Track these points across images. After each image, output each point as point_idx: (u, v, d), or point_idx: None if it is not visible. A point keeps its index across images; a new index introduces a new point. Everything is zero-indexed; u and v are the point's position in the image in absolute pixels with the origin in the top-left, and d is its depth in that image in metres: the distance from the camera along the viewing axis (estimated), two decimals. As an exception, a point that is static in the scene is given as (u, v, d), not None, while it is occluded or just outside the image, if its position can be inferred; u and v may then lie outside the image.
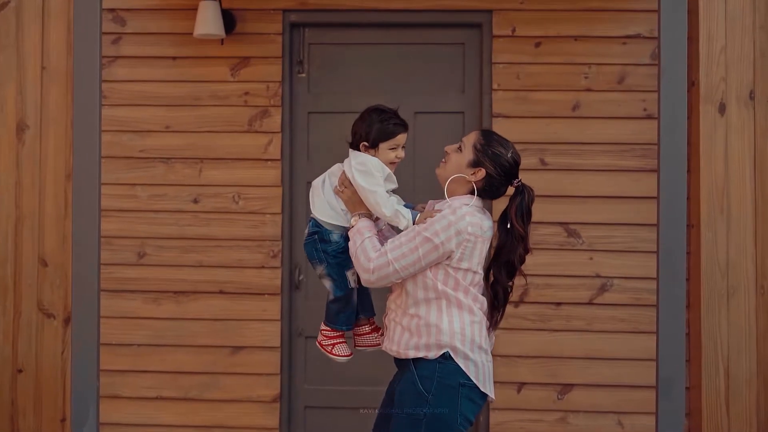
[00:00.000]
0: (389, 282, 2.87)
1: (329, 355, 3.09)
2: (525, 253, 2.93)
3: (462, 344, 2.83)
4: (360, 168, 2.90)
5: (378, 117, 2.94)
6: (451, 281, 2.85)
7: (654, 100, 4.35)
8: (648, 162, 4.51)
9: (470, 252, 2.84)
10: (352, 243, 2.89)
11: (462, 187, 2.93)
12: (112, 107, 4.63)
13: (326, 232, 2.98)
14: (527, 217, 2.92)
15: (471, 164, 2.90)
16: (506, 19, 4.57)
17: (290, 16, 4.63)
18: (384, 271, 2.81)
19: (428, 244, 2.78)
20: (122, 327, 4.64)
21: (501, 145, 2.91)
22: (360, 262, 2.84)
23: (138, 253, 4.66)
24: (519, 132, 4.50)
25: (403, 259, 2.79)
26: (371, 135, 2.93)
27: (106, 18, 4.61)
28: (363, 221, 2.92)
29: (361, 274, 2.86)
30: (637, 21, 4.56)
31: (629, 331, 4.55)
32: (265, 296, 4.62)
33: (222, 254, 4.62)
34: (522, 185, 2.92)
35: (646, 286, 4.51)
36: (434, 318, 2.85)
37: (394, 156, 2.95)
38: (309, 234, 3.01)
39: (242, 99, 4.63)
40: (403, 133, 2.96)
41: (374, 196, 2.87)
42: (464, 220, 2.80)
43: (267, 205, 4.63)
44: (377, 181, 2.88)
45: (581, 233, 4.57)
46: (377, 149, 2.93)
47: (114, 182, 4.64)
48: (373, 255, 2.81)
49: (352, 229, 2.92)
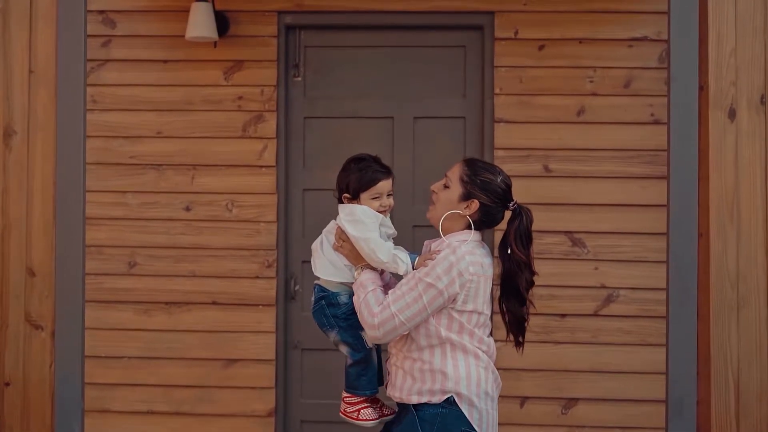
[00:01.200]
0: (396, 335, 2.76)
1: (356, 422, 2.96)
2: (531, 276, 2.84)
3: (468, 390, 2.74)
4: (348, 218, 2.80)
5: (356, 166, 2.85)
6: (456, 325, 2.75)
7: (662, 104, 4.38)
8: (655, 169, 4.44)
9: (474, 292, 2.74)
10: (355, 298, 2.80)
11: (457, 223, 2.84)
12: (101, 112, 4.59)
13: (333, 295, 2.89)
14: (527, 240, 2.82)
15: (462, 198, 2.81)
16: (509, 20, 4.51)
17: (285, 17, 4.57)
18: (390, 325, 2.70)
19: (432, 290, 2.69)
20: (112, 339, 4.57)
21: (488, 172, 2.82)
22: (364, 318, 2.74)
23: (128, 263, 4.59)
24: (522, 138, 4.46)
25: (407, 310, 2.70)
26: (351, 185, 2.83)
27: (95, 20, 4.57)
28: (366, 274, 2.82)
29: (367, 331, 2.75)
30: (644, 23, 4.48)
31: (636, 343, 4.48)
32: (260, 307, 4.55)
33: (215, 264, 4.56)
34: (518, 207, 2.83)
35: (654, 297, 4.43)
36: (438, 363, 2.75)
37: (378, 205, 2.84)
38: (315, 301, 2.92)
39: (236, 104, 4.56)
40: (383, 180, 2.84)
41: (367, 243, 2.76)
42: (464, 261, 2.70)
43: (261, 213, 4.55)
44: (368, 228, 2.78)
45: (586, 242, 4.50)
46: (359, 200, 2.84)
47: (104, 189, 4.59)
48: (376, 309, 2.71)
49: (356, 283, 2.83)
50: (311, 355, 4.63)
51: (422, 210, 3.59)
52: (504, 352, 4.32)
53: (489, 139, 4.50)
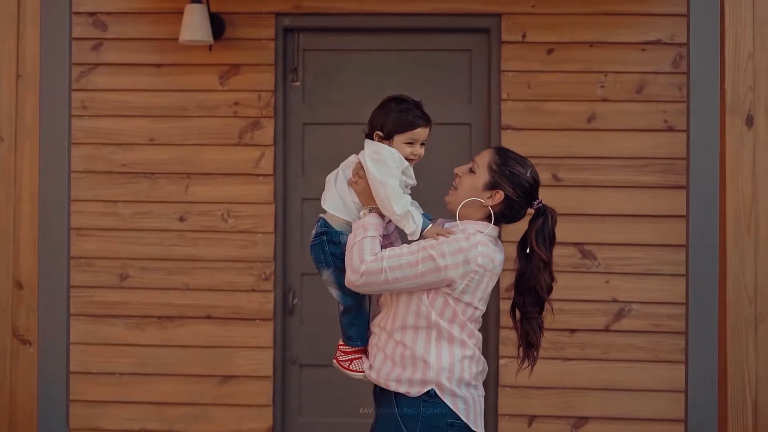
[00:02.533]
0: (374, 291, 2.64)
1: (345, 371, 2.85)
2: (551, 281, 2.73)
3: (449, 381, 2.63)
4: (373, 156, 2.66)
5: (397, 106, 2.73)
6: (449, 312, 2.63)
7: (676, 111, 4.30)
8: (669, 178, 4.35)
9: (475, 286, 2.62)
10: (352, 236, 2.66)
11: (477, 212, 2.71)
12: (92, 118, 4.50)
13: (335, 233, 2.73)
14: (550, 241, 2.71)
15: (487, 186, 2.69)
16: (516, 23, 4.41)
17: (284, 20, 4.49)
18: (373, 278, 2.57)
19: (430, 263, 2.56)
20: (103, 354, 4.48)
21: (519, 164, 2.71)
22: (352, 260, 2.60)
23: (120, 276, 4.50)
24: (530, 145, 4.35)
25: (398, 271, 2.56)
26: (387, 125, 2.70)
27: (85, 22, 4.49)
28: (371, 217, 2.68)
29: (348, 273, 2.61)
30: (658, 25, 4.38)
31: (649, 360, 4.38)
32: (257, 321, 4.46)
33: (210, 276, 4.47)
34: (543, 206, 2.72)
35: (667, 312, 4.35)
36: (421, 350, 2.63)
37: (410, 152, 2.71)
38: (316, 235, 2.77)
39: (232, 109, 4.47)
40: (423, 127, 2.73)
41: (385, 189, 2.62)
42: (476, 250, 2.58)
43: (258, 224, 4.46)
44: (391, 172, 2.64)
45: (597, 255, 4.40)
46: (392, 141, 2.71)
47: (94, 199, 4.50)
48: (368, 257, 2.58)
49: (357, 222, 2.69)
50: (310, 371, 4.55)
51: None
52: (510, 368, 4.35)
53: None
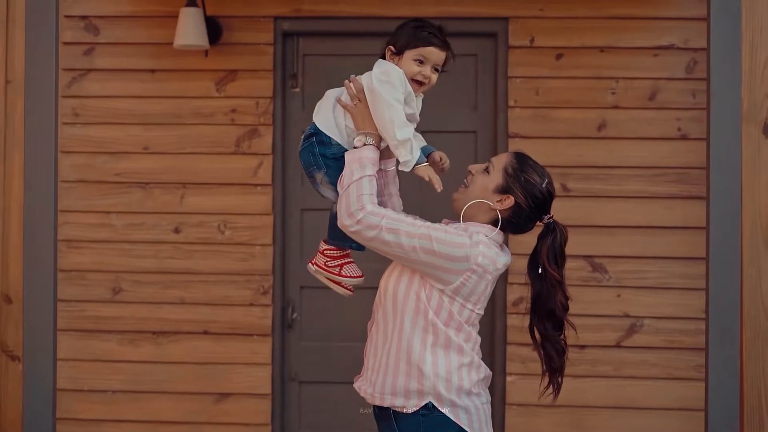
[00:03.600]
0: (363, 242, 2.53)
1: (338, 278, 2.69)
2: (566, 300, 2.63)
3: (447, 391, 2.52)
4: (382, 77, 2.55)
5: (414, 23, 2.63)
6: (444, 313, 2.53)
7: (689, 118, 4.24)
8: (683, 188, 4.28)
9: (473, 286, 2.51)
10: (347, 172, 2.53)
11: (483, 215, 2.62)
12: (83, 126, 4.43)
13: (326, 135, 2.64)
14: (561, 259, 2.62)
15: (498, 190, 2.60)
16: (524, 27, 4.34)
17: (282, 24, 4.41)
18: (367, 231, 2.47)
19: (426, 243, 2.45)
20: (95, 371, 4.42)
21: (536, 173, 2.61)
22: (349, 202, 2.49)
23: (113, 289, 4.42)
24: (538, 154, 4.11)
25: (393, 235, 2.46)
26: (400, 40, 2.60)
27: (77, 26, 4.42)
28: (369, 150, 2.56)
29: (342, 216, 2.49)
30: (670, 30, 4.31)
31: (662, 377, 4.30)
32: (255, 337, 4.39)
33: (206, 290, 4.40)
34: (554, 222, 2.62)
35: (681, 327, 4.28)
36: (417, 354, 2.52)
37: (418, 71, 2.58)
38: (305, 138, 2.67)
39: (229, 117, 4.40)
40: (436, 47, 2.59)
41: (390, 112, 2.51)
42: (477, 248, 2.49)
43: (256, 236, 4.39)
44: (397, 96, 2.53)
45: (608, 268, 4.31)
46: (402, 58, 2.59)
47: (86, 209, 4.42)
48: (369, 206, 2.48)
49: (352, 153, 2.56)
50: (310, 389, 4.46)
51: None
52: (518, 385, 4.29)
53: None
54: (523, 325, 2.87)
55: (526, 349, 4.08)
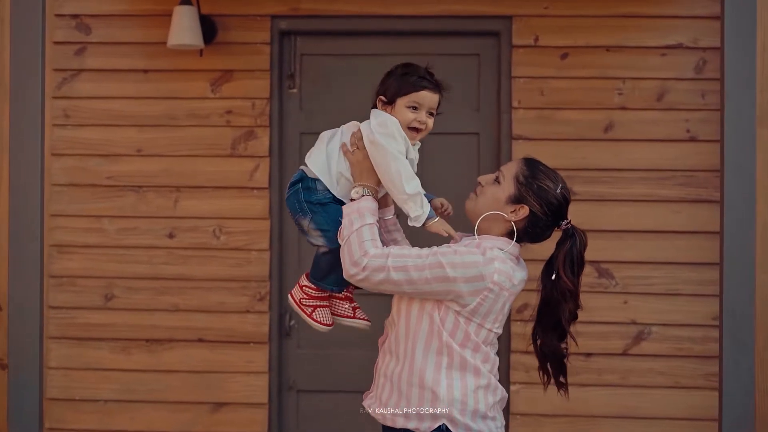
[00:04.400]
0: (374, 289, 2.49)
1: (307, 319, 2.68)
2: (576, 308, 2.57)
3: (462, 414, 2.47)
4: (381, 129, 2.50)
5: (402, 69, 2.59)
6: (460, 334, 2.48)
7: (698, 119, 4.16)
8: (691, 191, 4.19)
9: (490, 305, 2.46)
10: (347, 223, 2.50)
11: (497, 227, 2.56)
12: (75, 127, 4.36)
13: (311, 180, 2.61)
14: (579, 267, 2.55)
15: (511, 200, 2.54)
16: (528, 26, 4.28)
17: (280, 23, 4.36)
18: (375, 275, 2.43)
19: (439, 271, 2.40)
20: (87, 380, 4.36)
21: (549, 178, 2.57)
22: (351, 252, 2.45)
23: (105, 296, 4.36)
24: (542, 156, 4.11)
25: (402, 272, 2.41)
26: (390, 88, 2.56)
27: (68, 25, 4.34)
28: (367, 200, 2.52)
29: (347, 267, 2.46)
30: (679, 28, 4.22)
31: (670, 386, 4.23)
32: (251, 345, 4.34)
33: (201, 297, 4.35)
34: (572, 228, 2.58)
35: (689, 335, 4.20)
36: (430, 377, 2.47)
37: (413, 117, 2.53)
38: (291, 184, 2.65)
39: (224, 118, 4.35)
40: (428, 90, 2.55)
41: (397, 164, 2.46)
42: (492, 265, 2.43)
43: (253, 241, 4.33)
44: (400, 148, 2.50)
45: (614, 273, 4.25)
46: (394, 107, 2.55)
47: (77, 214, 4.34)
48: (371, 250, 2.44)
49: (351, 205, 2.53)
50: (308, 398, 4.41)
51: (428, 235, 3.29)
52: (522, 395, 4.22)
53: (506, 158, 4.26)
54: (526, 332, 2.81)
55: (530, 357, 3.94)
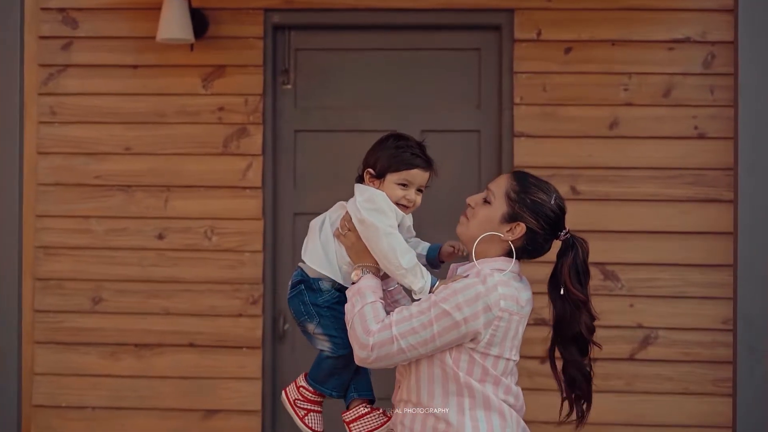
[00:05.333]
0: (392, 363, 2.40)
1: (298, 422, 2.60)
2: (592, 320, 2.50)
3: None
4: (368, 206, 2.44)
5: (394, 143, 2.52)
6: (478, 370, 2.39)
7: (707, 116, 4.11)
8: (700, 190, 4.13)
9: (503, 334, 2.38)
10: (349, 307, 2.44)
11: (494, 248, 2.49)
12: (61, 125, 4.31)
13: (314, 280, 2.54)
14: (585, 276, 2.49)
15: (506, 218, 2.46)
16: (530, 19, 4.21)
17: (273, 16, 4.29)
18: (386, 350, 2.34)
19: (446, 320, 2.31)
20: (74, 386, 4.30)
21: (541, 191, 2.48)
22: (356, 334, 2.38)
23: (93, 299, 4.29)
24: (546, 155, 4.20)
25: (411, 336, 2.33)
26: (380, 162, 2.50)
27: (54, 19, 4.30)
28: (367, 279, 2.45)
29: (356, 351, 2.39)
30: (687, 22, 4.16)
31: (678, 392, 4.16)
32: (244, 350, 4.28)
33: (192, 300, 4.29)
34: (572, 237, 2.49)
35: (698, 339, 4.14)
36: (455, 421, 2.38)
37: (402, 195, 2.48)
38: (293, 285, 2.57)
39: (216, 115, 4.29)
40: (420, 168, 2.49)
41: (389, 240, 2.39)
42: (495, 292, 2.34)
43: (245, 242, 4.27)
44: (391, 222, 2.43)
45: (620, 275, 4.17)
46: (383, 182, 2.49)
47: (64, 214, 4.29)
48: (374, 327, 2.36)
49: (352, 288, 2.46)
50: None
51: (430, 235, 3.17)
52: (526, 400, 3.97)
53: (508, 156, 4.21)
54: (529, 336, 2.72)
55: (533, 362, 3.94)
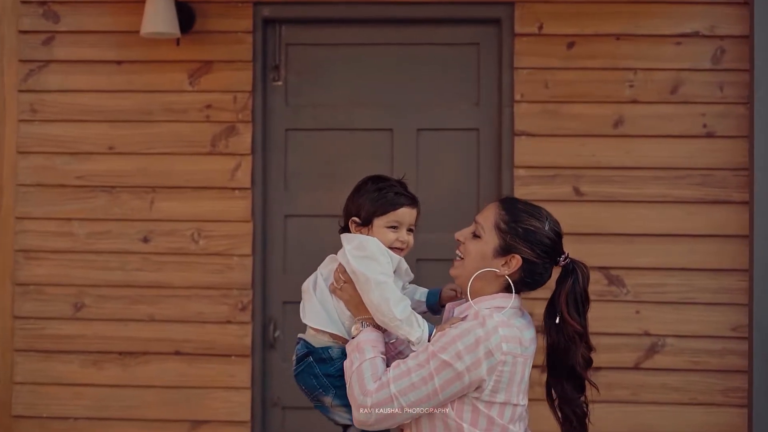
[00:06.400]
0: (395, 424, 2.26)
1: None
2: (589, 352, 2.33)
3: None
4: (357, 253, 2.33)
5: (374, 185, 2.43)
6: (483, 421, 2.23)
7: (716, 114, 4.05)
8: (709, 191, 4.06)
9: (508, 379, 2.21)
10: (348, 364, 2.31)
11: (491, 284, 2.33)
12: (42, 123, 4.24)
13: (322, 350, 2.40)
14: (583, 303, 2.32)
15: (499, 252, 2.31)
16: (531, 13, 4.13)
17: (263, 9, 4.23)
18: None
19: (447, 372, 2.17)
20: (55, 396, 4.22)
21: (533, 217, 2.32)
22: (354, 394, 2.23)
23: (75, 305, 4.22)
24: (547, 154, 4.13)
25: (411, 393, 2.18)
26: (364, 208, 2.39)
27: (35, 13, 4.25)
28: (366, 333, 2.32)
29: (355, 413, 2.25)
30: (695, 15, 4.09)
31: (685, 402, 4.08)
32: (232, 358, 4.20)
33: (178, 306, 4.22)
34: (571, 262, 2.34)
35: (706, 347, 4.05)
36: None
37: (395, 238, 2.38)
38: (299, 360, 2.43)
39: (203, 113, 4.21)
40: (408, 206, 2.40)
41: (380, 289, 2.26)
42: (496, 335, 2.18)
43: (234, 245, 4.19)
44: (383, 269, 2.31)
45: (625, 280, 4.08)
46: (371, 228, 2.39)
47: (45, 216, 4.23)
48: (371, 386, 2.21)
49: (351, 343, 2.34)
50: (294, 415, 4.22)
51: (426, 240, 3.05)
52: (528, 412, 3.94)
53: (508, 156, 4.12)
54: None
55: (535, 372, 3.75)
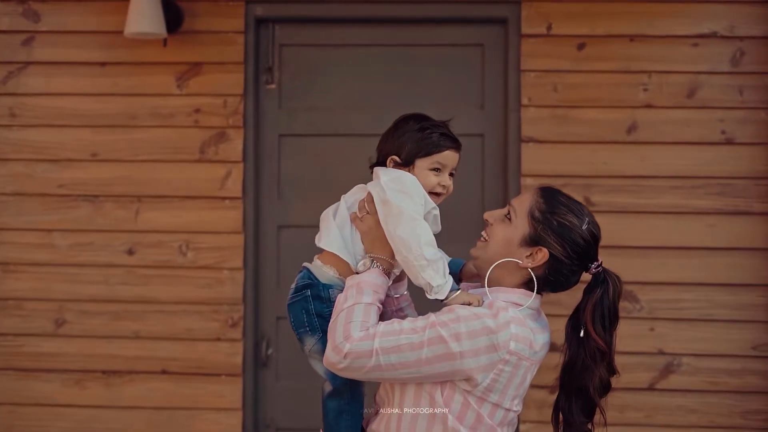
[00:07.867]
0: (362, 377, 2.10)
1: None
2: (609, 375, 2.15)
3: None
4: (395, 186, 2.18)
5: (417, 124, 2.29)
6: (471, 417, 2.08)
7: (735, 119, 4.01)
8: (728, 202, 3.99)
9: (507, 380, 2.05)
10: (342, 298, 2.15)
11: (511, 276, 2.18)
12: (21, 128, 4.14)
13: (323, 287, 2.25)
14: (611, 319, 2.14)
15: (526, 241, 2.15)
16: (539, 12, 4.05)
17: (256, 9, 4.15)
18: (360, 362, 2.04)
19: (440, 348, 2.01)
20: (35, 417, 4.12)
21: (572, 212, 2.16)
22: (335, 335, 2.08)
23: (56, 321, 4.11)
24: (556, 161, 4.07)
25: (394, 354, 2.02)
26: (406, 147, 2.25)
27: (14, 12, 4.17)
28: (371, 275, 2.15)
29: (328, 350, 2.09)
30: (713, 15, 4.01)
31: (703, 425, 3.98)
32: (222, 377, 4.10)
33: (165, 322, 4.13)
34: (603, 272, 2.16)
35: (725, 366, 3.96)
36: None
37: (437, 181, 2.24)
38: (297, 289, 2.28)
39: (192, 118, 4.13)
40: (453, 149, 2.27)
41: (413, 226, 2.12)
42: (506, 331, 2.02)
43: (224, 258, 4.10)
44: (418, 209, 2.18)
45: (639, 296, 3.99)
46: (413, 168, 2.25)
47: (24, 227, 4.13)
48: (356, 334, 2.06)
49: (353, 278, 2.17)
50: None
51: None
52: None
53: (514, 163, 4.02)
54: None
55: (542, 392, 3.68)
